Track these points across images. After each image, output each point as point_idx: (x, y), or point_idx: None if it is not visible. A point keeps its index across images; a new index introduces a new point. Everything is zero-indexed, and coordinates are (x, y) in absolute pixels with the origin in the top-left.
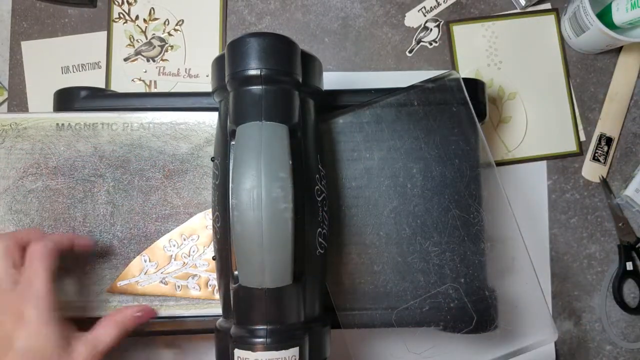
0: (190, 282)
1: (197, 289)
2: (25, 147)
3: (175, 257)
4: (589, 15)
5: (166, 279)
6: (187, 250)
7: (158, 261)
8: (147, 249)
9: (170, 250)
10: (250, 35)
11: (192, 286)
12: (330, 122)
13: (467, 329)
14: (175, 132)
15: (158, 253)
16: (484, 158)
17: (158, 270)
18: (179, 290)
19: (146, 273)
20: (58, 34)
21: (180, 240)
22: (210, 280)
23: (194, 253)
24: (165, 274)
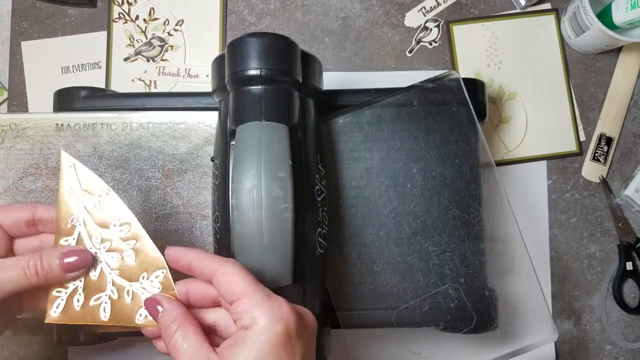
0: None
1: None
2: (24, 147)
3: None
4: (589, 15)
5: (77, 221)
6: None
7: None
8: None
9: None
10: (250, 35)
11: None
12: (330, 122)
13: (467, 329)
14: (175, 132)
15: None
16: (484, 158)
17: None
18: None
19: (85, 190)
20: (58, 34)
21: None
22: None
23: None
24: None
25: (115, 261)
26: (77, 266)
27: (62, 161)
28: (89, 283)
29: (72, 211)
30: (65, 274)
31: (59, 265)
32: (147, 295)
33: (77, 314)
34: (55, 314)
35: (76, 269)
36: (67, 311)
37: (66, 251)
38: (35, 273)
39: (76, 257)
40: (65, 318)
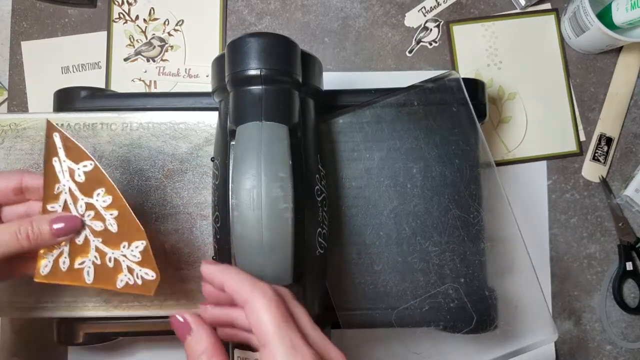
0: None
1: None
2: (24, 147)
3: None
4: (589, 15)
5: (64, 188)
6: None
7: (87, 179)
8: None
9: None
10: (250, 35)
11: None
12: (330, 122)
13: (467, 329)
14: (175, 132)
15: (95, 180)
16: (484, 158)
17: (80, 185)
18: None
19: (70, 165)
20: (58, 34)
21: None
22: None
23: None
24: (71, 182)
25: (98, 229)
26: (65, 231)
27: (47, 130)
28: (74, 247)
29: (58, 178)
30: (55, 238)
31: (49, 231)
32: (127, 263)
33: (63, 275)
34: (43, 273)
35: (65, 234)
36: (54, 272)
37: (55, 217)
38: (26, 237)
39: (64, 223)
40: (52, 278)
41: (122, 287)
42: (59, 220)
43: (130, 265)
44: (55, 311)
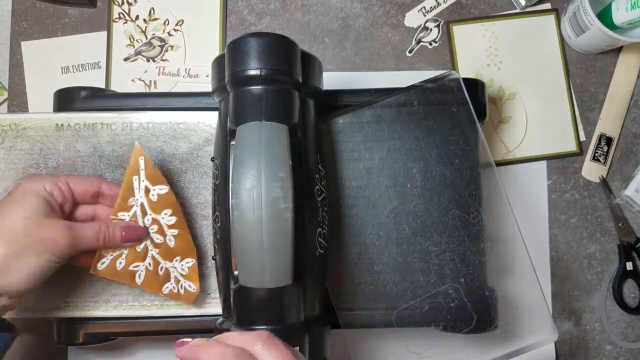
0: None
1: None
2: (24, 147)
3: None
4: (589, 15)
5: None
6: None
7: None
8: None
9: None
10: (250, 35)
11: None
12: (330, 122)
13: (467, 329)
14: (175, 132)
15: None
16: (484, 158)
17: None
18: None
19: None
20: (58, 34)
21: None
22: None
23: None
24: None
25: (158, 241)
26: (132, 238)
27: (134, 151)
28: (132, 252)
29: (133, 193)
30: (122, 243)
31: (120, 235)
32: (176, 274)
33: (117, 273)
34: (100, 268)
35: (131, 241)
36: (109, 269)
37: (127, 225)
38: (103, 237)
39: (133, 231)
40: (107, 273)
41: (167, 293)
42: (130, 229)
43: (178, 277)
44: (55, 311)
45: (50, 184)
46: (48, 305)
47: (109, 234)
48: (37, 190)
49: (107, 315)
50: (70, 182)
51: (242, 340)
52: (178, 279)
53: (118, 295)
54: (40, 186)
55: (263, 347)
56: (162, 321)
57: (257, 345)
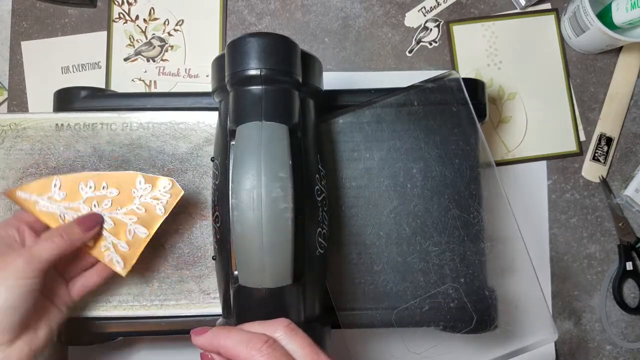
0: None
1: (89, 245)
2: (24, 147)
3: (84, 199)
4: (589, 15)
5: (65, 215)
6: (99, 199)
7: (67, 193)
8: (64, 175)
9: (84, 190)
10: (250, 35)
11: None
12: (330, 122)
13: (467, 329)
14: (175, 132)
15: (70, 185)
16: (484, 158)
17: (62, 200)
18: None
19: (49, 198)
20: (58, 34)
21: (100, 186)
22: (106, 241)
23: (105, 206)
24: (66, 209)
25: (110, 204)
26: (91, 224)
27: (11, 199)
28: (113, 231)
29: (52, 212)
30: (84, 233)
31: (78, 228)
32: (149, 198)
33: (132, 252)
34: (121, 267)
35: (92, 227)
36: (126, 258)
37: (78, 219)
38: (61, 239)
39: (88, 218)
40: (130, 262)
41: (166, 212)
42: (83, 218)
43: (152, 196)
44: None
45: (5, 228)
46: None
47: (66, 232)
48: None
49: (107, 315)
50: (20, 217)
51: (263, 327)
52: (154, 195)
53: (118, 295)
54: (1, 235)
55: (284, 333)
56: (162, 321)
57: (278, 332)
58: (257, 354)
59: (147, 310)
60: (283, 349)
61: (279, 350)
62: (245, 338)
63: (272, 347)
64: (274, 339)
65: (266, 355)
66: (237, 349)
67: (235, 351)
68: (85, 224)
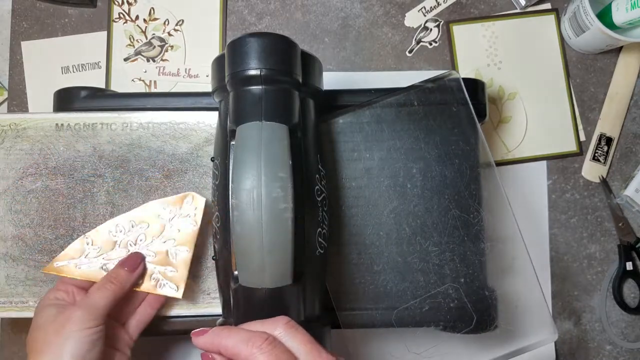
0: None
1: (139, 283)
2: (24, 147)
3: (120, 243)
4: (589, 15)
5: (107, 266)
6: (133, 238)
7: (101, 245)
8: (92, 231)
9: (116, 235)
10: (250, 35)
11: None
12: (330, 122)
13: (467, 329)
14: (175, 132)
15: (102, 237)
16: (484, 158)
17: (99, 254)
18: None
19: (87, 256)
20: (58, 34)
21: (128, 226)
22: (154, 273)
23: (140, 242)
24: (107, 260)
25: (144, 238)
26: (135, 264)
27: (54, 273)
28: (156, 261)
29: (96, 271)
30: (131, 273)
31: (124, 270)
32: (186, 219)
33: (182, 274)
34: (176, 292)
35: (136, 267)
36: (176, 280)
37: (121, 261)
38: (111, 283)
39: (131, 259)
40: (181, 281)
41: (197, 225)
42: (127, 259)
43: (184, 213)
44: None
45: (53, 293)
46: None
47: (114, 277)
48: (51, 303)
49: None
50: (64, 279)
51: (263, 326)
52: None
53: None
54: (51, 300)
55: (284, 330)
56: (162, 321)
57: (278, 330)
58: (257, 352)
59: None
60: (283, 346)
61: (280, 348)
62: (245, 337)
63: (272, 345)
64: (274, 337)
65: (267, 353)
66: (238, 348)
67: (236, 350)
68: (129, 264)
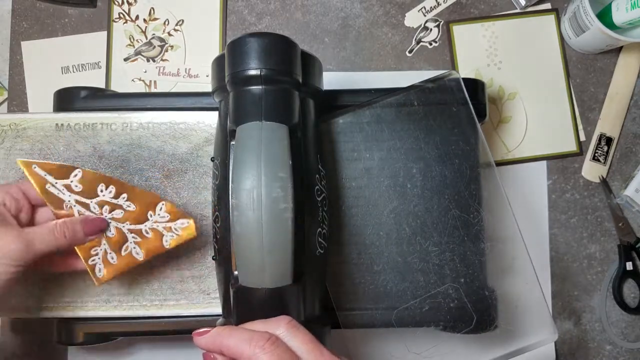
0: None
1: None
2: (24, 147)
3: (97, 201)
4: (589, 15)
5: (71, 207)
6: (112, 207)
7: (84, 187)
8: (89, 171)
9: (103, 192)
10: (250, 35)
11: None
12: (330, 122)
13: (467, 329)
14: (175, 132)
15: (91, 182)
16: (484, 158)
17: (77, 194)
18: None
19: (64, 185)
20: (58, 34)
21: (119, 195)
22: (98, 247)
23: (115, 215)
24: (76, 202)
25: (120, 215)
26: (94, 230)
27: (23, 168)
28: (111, 241)
29: (60, 199)
30: (86, 237)
31: (82, 230)
32: (162, 225)
33: (117, 267)
34: (100, 276)
35: (94, 233)
36: (108, 269)
37: (85, 218)
38: (63, 236)
39: (93, 222)
40: (110, 274)
41: (171, 244)
42: (87, 221)
43: (165, 225)
44: (55, 311)
45: (1, 194)
46: (48, 305)
47: (69, 228)
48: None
49: (107, 315)
50: (23, 187)
51: (265, 325)
52: (167, 226)
53: (118, 295)
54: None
55: (286, 330)
56: (162, 321)
57: (280, 329)
58: (260, 352)
59: (147, 310)
60: (286, 346)
61: (282, 347)
62: (247, 336)
63: (275, 345)
64: (276, 337)
65: (269, 353)
66: (240, 348)
67: (239, 350)
68: (90, 227)
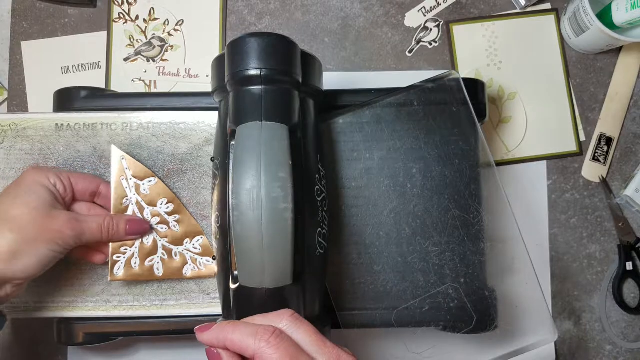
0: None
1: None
2: (24, 147)
3: (152, 211)
4: (589, 15)
5: (129, 205)
6: (162, 221)
7: (150, 194)
8: (161, 183)
9: (161, 206)
10: (250, 35)
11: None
12: (330, 122)
13: (467, 329)
14: (175, 132)
15: (157, 193)
16: (484, 158)
17: (141, 195)
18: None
19: (135, 184)
20: (58, 34)
21: (172, 214)
22: (129, 247)
23: (159, 228)
24: (136, 203)
25: (163, 231)
26: (136, 231)
27: (113, 154)
28: (143, 248)
29: (125, 193)
30: (126, 236)
31: (124, 229)
32: (190, 255)
33: (135, 273)
34: (118, 274)
35: (135, 234)
36: (127, 271)
37: (130, 218)
38: (107, 230)
39: (137, 224)
40: (125, 276)
41: (189, 275)
42: (134, 222)
43: (193, 257)
44: (55, 311)
45: (54, 176)
46: (48, 305)
47: (114, 226)
48: (43, 182)
49: (107, 315)
50: (72, 178)
51: (267, 319)
52: (194, 258)
53: (118, 296)
54: (45, 178)
55: (289, 323)
56: (162, 321)
57: (284, 322)
58: (265, 346)
59: (147, 310)
60: (290, 339)
61: (287, 340)
62: (252, 330)
63: (279, 338)
64: (280, 330)
65: (274, 346)
66: (245, 342)
67: (244, 344)
68: (132, 227)
